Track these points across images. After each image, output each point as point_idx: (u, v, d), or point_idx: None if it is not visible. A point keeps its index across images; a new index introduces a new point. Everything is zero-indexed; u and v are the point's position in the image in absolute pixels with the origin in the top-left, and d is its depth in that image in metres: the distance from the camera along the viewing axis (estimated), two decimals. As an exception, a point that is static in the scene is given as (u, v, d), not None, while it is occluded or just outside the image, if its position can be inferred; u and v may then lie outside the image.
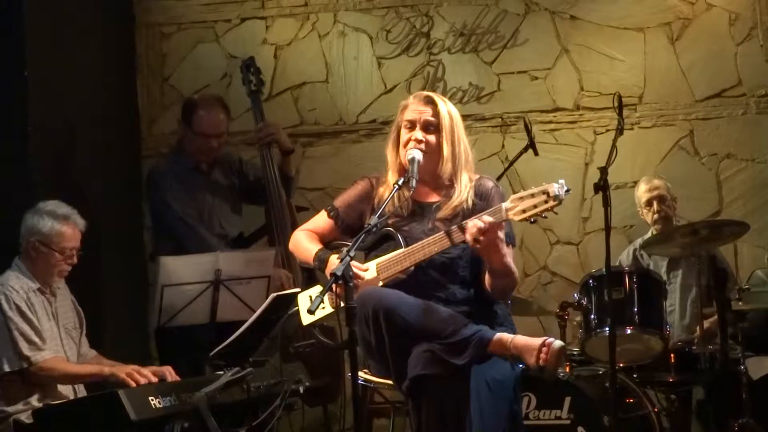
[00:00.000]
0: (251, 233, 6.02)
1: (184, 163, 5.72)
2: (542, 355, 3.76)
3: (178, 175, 5.67)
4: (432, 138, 4.11)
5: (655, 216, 5.85)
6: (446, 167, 4.12)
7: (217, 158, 5.82)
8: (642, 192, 5.92)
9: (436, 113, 4.12)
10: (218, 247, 5.48)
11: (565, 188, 3.71)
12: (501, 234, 3.82)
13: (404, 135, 4.15)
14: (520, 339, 3.83)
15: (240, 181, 5.89)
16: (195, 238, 5.54)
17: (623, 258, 6.00)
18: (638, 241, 6.00)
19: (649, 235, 5.93)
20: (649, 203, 5.87)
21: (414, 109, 4.15)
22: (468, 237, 3.78)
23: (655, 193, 5.87)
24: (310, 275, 4.35)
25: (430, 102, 4.15)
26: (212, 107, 5.72)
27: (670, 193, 5.91)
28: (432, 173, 4.14)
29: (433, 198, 4.17)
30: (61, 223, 4.70)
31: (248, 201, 5.97)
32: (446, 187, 4.15)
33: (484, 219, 3.76)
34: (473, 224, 3.77)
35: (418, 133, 4.11)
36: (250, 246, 5.90)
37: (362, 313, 3.80)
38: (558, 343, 3.78)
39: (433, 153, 4.11)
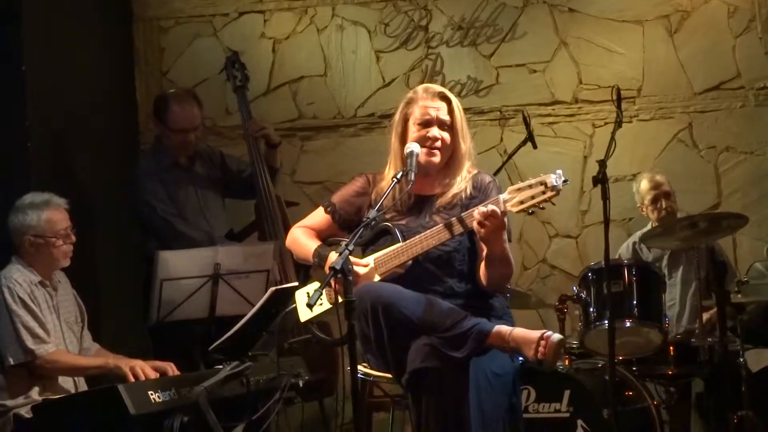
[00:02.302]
0: (241, 230, 6.02)
1: (163, 160, 5.70)
2: (540, 348, 3.76)
3: (158, 173, 5.65)
4: (447, 135, 4.12)
5: (663, 213, 5.84)
6: (462, 163, 4.14)
7: (198, 152, 5.82)
8: (646, 189, 5.90)
9: (450, 110, 4.13)
10: (203, 245, 5.47)
11: (563, 178, 3.71)
12: (505, 220, 3.82)
13: (415, 131, 4.13)
14: (519, 332, 3.83)
15: (223, 174, 5.88)
16: (179, 237, 5.52)
17: (623, 251, 6.00)
18: (638, 234, 5.99)
19: (648, 228, 5.93)
20: (655, 200, 5.86)
21: (428, 105, 4.13)
22: (474, 217, 3.78)
23: (661, 190, 5.86)
24: (306, 273, 4.35)
25: (444, 98, 4.15)
26: (185, 102, 5.70)
27: (671, 188, 5.91)
28: (441, 168, 4.15)
29: (434, 191, 4.18)
30: (45, 211, 4.72)
31: (232, 195, 5.97)
32: (449, 180, 4.15)
33: (489, 206, 3.76)
34: (479, 210, 3.77)
35: (436, 131, 4.10)
36: (240, 242, 5.89)
37: (361, 308, 3.80)
38: (556, 336, 3.78)
39: (447, 150, 4.12)
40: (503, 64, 6.73)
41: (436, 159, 4.11)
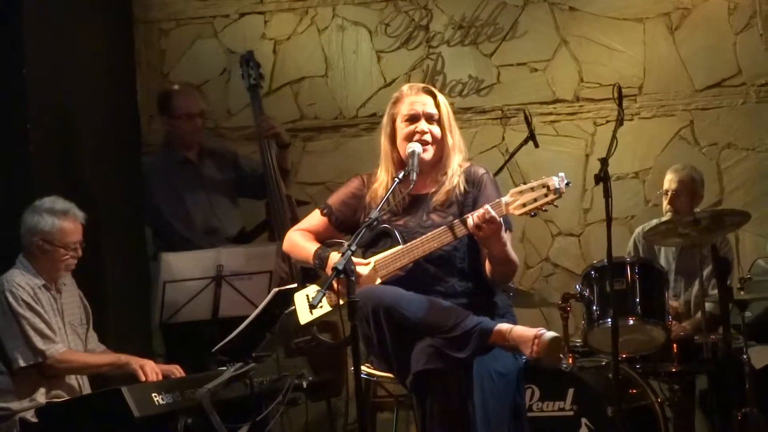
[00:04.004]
0: (253, 228, 6.02)
1: (174, 158, 5.74)
2: (534, 347, 3.76)
3: (168, 172, 5.70)
4: (436, 129, 4.11)
5: (667, 206, 5.83)
6: (450, 157, 4.12)
7: (210, 150, 5.85)
8: (666, 180, 5.88)
9: (436, 104, 4.12)
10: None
11: (565, 181, 3.71)
12: (501, 221, 3.82)
13: (404, 128, 4.11)
14: (518, 330, 3.83)
15: (237, 174, 5.90)
16: (182, 245, 5.51)
17: (638, 233, 5.94)
18: (654, 222, 5.95)
19: (651, 224, 5.91)
20: (666, 193, 5.85)
21: (413, 101, 4.13)
22: (470, 223, 3.78)
23: (674, 185, 5.82)
24: (305, 273, 4.35)
25: (429, 93, 4.15)
26: (185, 89, 5.88)
27: (691, 190, 5.82)
28: (434, 165, 4.13)
29: (428, 189, 4.15)
30: (61, 219, 4.70)
31: (246, 195, 5.98)
32: (441, 176, 4.15)
33: (488, 209, 3.76)
34: (476, 213, 3.77)
35: (424, 125, 4.10)
36: (251, 241, 5.89)
37: (363, 311, 3.79)
38: (549, 334, 3.77)
39: (437, 144, 4.11)
40: (504, 63, 6.73)
41: (428, 155, 4.09)
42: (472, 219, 3.79)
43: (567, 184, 3.72)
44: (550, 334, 3.78)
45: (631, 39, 6.60)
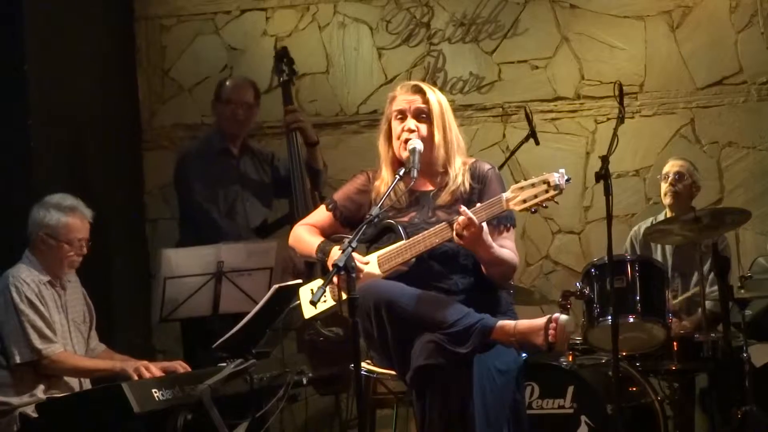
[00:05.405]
0: (273, 222, 6.04)
1: (214, 144, 5.81)
2: (551, 332, 3.75)
3: (206, 158, 5.75)
4: (424, 126, 4.11)
5: (669, 187, 5.82)
6: (439, 154, 4.12)
7: (251, 148, 5.91)
8: (667, 165, 5.89)
9: (425, 101, 4.13)
10: (230, 238, 5.50)
11: (566, 177, 3.71)
12: (484, 225, 3.82)
13: (396, 126, 4.14)
14: (523, 323, 3.83)
15: (271, 173, 5.92)
16: (213, 228, 5.54)
17: (635, 232, 5.95)
18: (650, 219, 5.97)
19: (649, 223, 5.92)
20: (666, 177, 5.85)
21: (403, 99, 4.15)
22: (453, 234, 3.79)
23: (675, 168, 5.84)
24: (309, 270, 4.36)
25: (419, 90, 4.16)
26: (240, 80, 5.98)
27: (692, 177, 5.84)
28: (426, 162, 4.13)
29: (429, 186, 4.17)
30: (67, 215, 4.72)
31: (281, 196, 5.99)
32: (441, 174, 4.16)
33: (465, 216, 3.76)
34: (457, 223, 3.78)
35: (411, 122, 4.11)
36: (272, 233, 5.90)
37: (364, 306, 3.80)
38: (564, 317, 3.77)
39: (426, 141, 4.11)
40: (505, 60, 6.73)
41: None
42: (454, 230, 3.79)
43: (567, 181, 3.72)
44: (565, 316, 3.78)
45: (632, 37, 6.60)
